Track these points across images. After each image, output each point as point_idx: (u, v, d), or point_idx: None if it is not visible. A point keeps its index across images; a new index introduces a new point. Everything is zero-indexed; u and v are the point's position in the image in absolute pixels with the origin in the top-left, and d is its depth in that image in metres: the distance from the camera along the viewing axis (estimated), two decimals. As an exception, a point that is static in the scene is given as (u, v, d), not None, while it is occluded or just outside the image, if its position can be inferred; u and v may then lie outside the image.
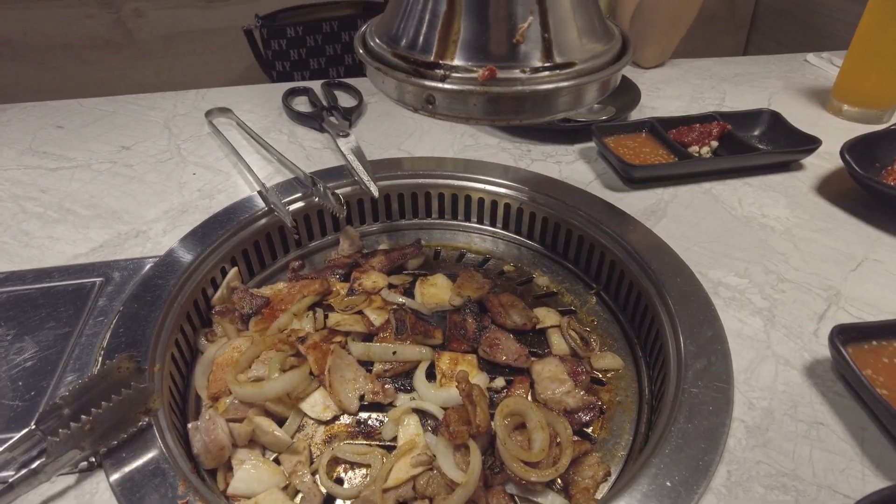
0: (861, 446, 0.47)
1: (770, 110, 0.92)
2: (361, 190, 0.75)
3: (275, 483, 0.50)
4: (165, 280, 0.61)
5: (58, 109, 0.95)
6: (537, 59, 0.43)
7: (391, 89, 0.46)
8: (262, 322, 0.63)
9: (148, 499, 0.43)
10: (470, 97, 0.43)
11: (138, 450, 0.46)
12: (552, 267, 0.76)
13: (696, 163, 0.81)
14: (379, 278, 0.69)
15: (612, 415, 0.58)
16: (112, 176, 0.79)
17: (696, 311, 0.59)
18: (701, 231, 0.71)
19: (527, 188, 0.77)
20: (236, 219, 0.70)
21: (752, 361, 0.55)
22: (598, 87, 0.45)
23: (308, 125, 0.91)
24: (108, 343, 0.55)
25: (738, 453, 0.47)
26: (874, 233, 0.72)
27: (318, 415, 0.55)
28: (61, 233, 0.69)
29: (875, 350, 0.51)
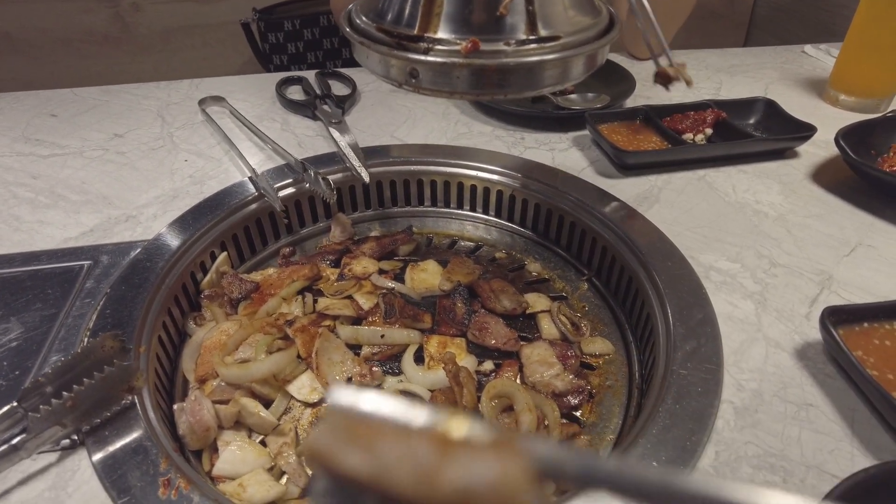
0: (851, 427, 0.46)
1: (766, 98, 0.92)
2: (353, 176, 0.75)
3: (260, 464, 0.49)
4: (154, 263, 0.61)
5: (51, 98, 0.95)
6: (522, 32, 0.42)
7: (375, 64, 0.46)
8: (251, 306, 0.63)
9: (129, 476, 0.43)
10: (453, 70, 0.42)
11: (121, 428, 0.46)
12: (544, 253, 0.76)
13: (689, 149, 0.81)
14: (369, 264, 0.68)
15: (602, 399, 0.58)
16: (104, 163, 0.79)
17: (686, 295, 0.59)
18: (694, 217, 0.71)
19: (519, 175, 0.77)
20: (227, 204, 0.69)
21: (743, 344, 0.54)
22: (584, 61, 0.45)
23: (301, 113, 0.91)
24: (94, 324, 0.55)
25: (726, 434, 0.46)
26: (868, 218, 0.71)
27: (305, 397, 0.55)
28: (52, 217, 0.69)
29: (866, 332, 0.51)
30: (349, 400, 0.18)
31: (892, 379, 0.46)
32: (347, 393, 0.18)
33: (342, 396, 0.18)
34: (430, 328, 0.62)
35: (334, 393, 0.18)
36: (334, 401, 0.18)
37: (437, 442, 0.17)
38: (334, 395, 0.18)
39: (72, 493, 0.42)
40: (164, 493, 0.41)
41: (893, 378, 0.46)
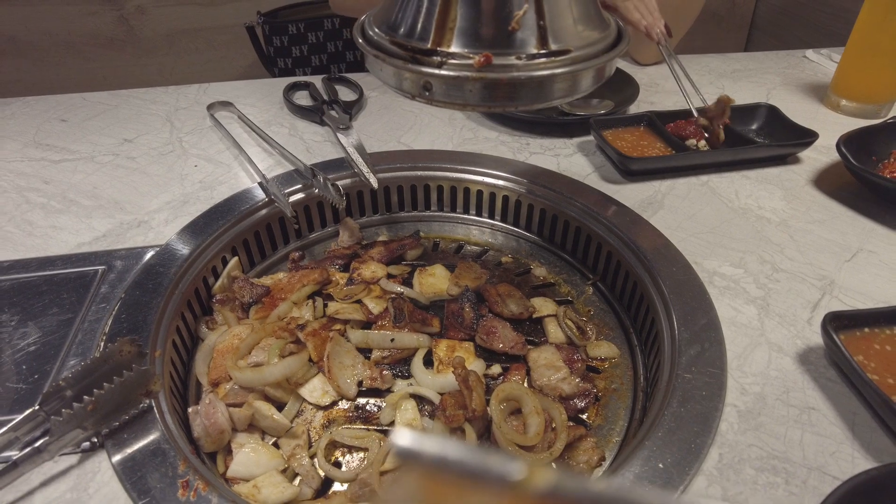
0: (852, 430, 0.47)
1: (768, 104, 0.93)
2: (361, 182, 0.76)
3: (274, 466, 0.50)
4: (167, 268, 0.62)
5: (61, 103, 0.96)
6: (533, 46, 0.43)
7: (389, 76, 0.47)
8: (262, 310, 0.64)
9: (149, 477, 0.44)
10: (466, 83, 0.43)
11: (139, 431, 0.47)
12: (550, 258, 0.77)
13: (693, 155, 0.82)
14: (378, 268, 0.69)
15: (608, 402, 0.59)
16: (115, 168, 0.80)
17: (690, 300, 0.60)
18: (697, 222, 0.72)
19: (525, 181, 0.78)
20: (237, 209, 0.70)
21: (746, 348, 0.55)
22: (594, 74, 0.46)
23: (309, 119, 0.92)
24: (110, 329, 0.56)
25: (730, 437, 0.47)
26: (869, 224, 0.72)
27: (317, 400, 0.56)
28: (64, 222, 0.70)
29: (867, 337, 0.52)
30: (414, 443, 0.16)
31: (892, 383, 0.47)
32: (412, 436, 0.16)
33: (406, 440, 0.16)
34: (438, 332, 0.63)
35: (398, 438, 0.16)
36: (399, 447, 0.16)
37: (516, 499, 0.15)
38: (398, 440, 0.16)
39: (93, 494, 0.43)
40: (184, 494, 0.42)
41: (894, 382, 0.47)
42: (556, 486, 0.16)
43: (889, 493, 0.37)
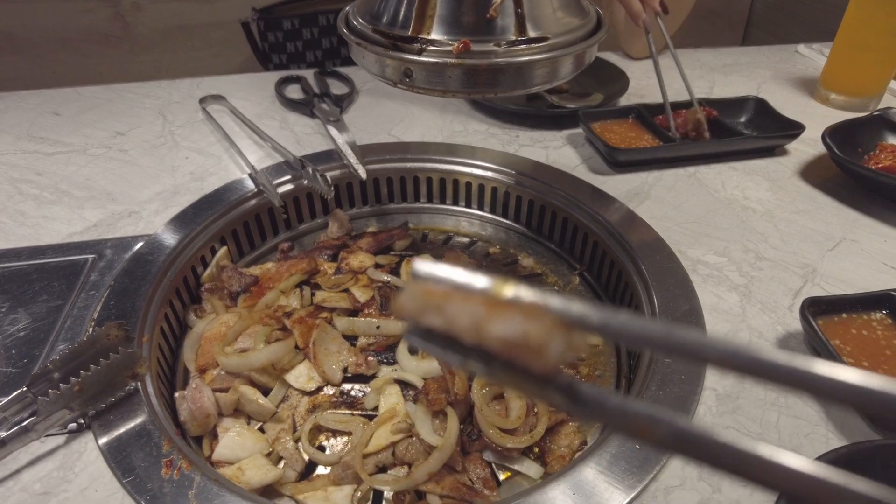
0: (826, 412, 0.48)
1: (756, 97, 0.94)
2: (351, 173, 0.77)
3: (259, 449, 0.51)
4: (156, 257, 0.63)
5: (55, 97, 0.97)
6: (511, 33, 0.44)
7: (372, 64, 0.48)
8: (250, 299, 0.65)
9: (133, 457, 0.45)
10: (446, 70, 0.44)
11: (126, 413, 0.48)
12: (537, 249, 0.78)
13: (680, 147, 0.82)
14: (366, 258, 0.70)
15: (591, 388, 0.60)
16: (107, 160, 0.81)
17: (673, 287, 0.60)
18: (683, 212, 0.73)
19: (514, 172, 0.79)
20: (226, 200, 0.71)
21: (727, 334, 0.56)
22: (573, 60, 0.47)
23: (300, 112, 0.93)
24: (98, 315, 0.57)
25: (707, 419, 0.48)
26: (852, 214, 0.73)
27: (303, 385, 0.56)
28: (56, 213, 0.71)
29: (844, 322, 0.52)
30: (428, 268, 0.24)
31: (866, 366, 0.48)
32: (426, 264, 0.24)
33: (422, 266, 0.25)
34: (424, 320, 0.64)
35: (416, 264, 0.25)
36: (416, 269, 0.25)
37: (487, 303, 0.22)
38: (416, 265, 0.25)
39: (79, 472, 0.44)
40: (167, 472, 0.43)
41: (868, 365, 0.48)
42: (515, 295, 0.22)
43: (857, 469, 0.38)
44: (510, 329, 0.21)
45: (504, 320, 0.21)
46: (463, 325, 0.22)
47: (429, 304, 0.23)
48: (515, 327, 0.21)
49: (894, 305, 0.53)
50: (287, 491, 0.50)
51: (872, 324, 0.52)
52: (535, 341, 0.21)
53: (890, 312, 0.53)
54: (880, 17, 0.93)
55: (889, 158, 0.77)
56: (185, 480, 0.43)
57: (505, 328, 0.21)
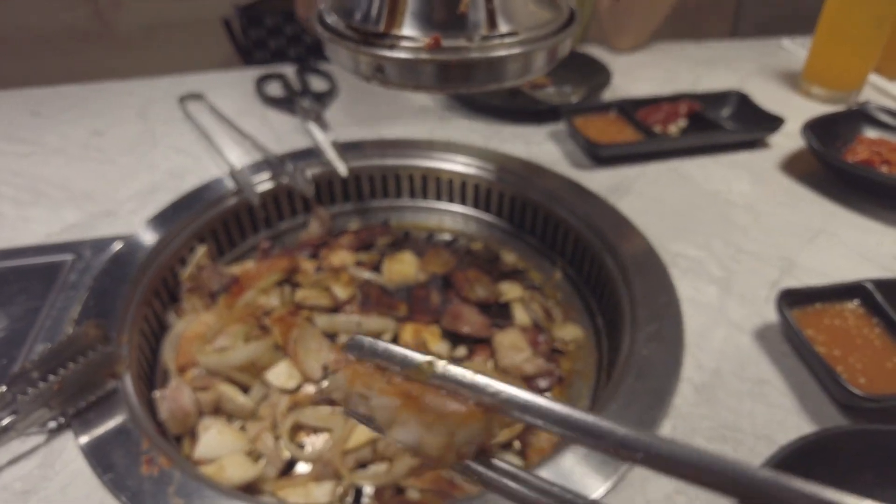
0: (800, 401, 0.48)
1: (738, 91, 0.94)
2: (331, 171, 0.76)
3: (239, 447, 0.51)
4: (135, 257, 0.63)
5: (33, 96, 0.96)
6: (483, 28, 0.44)
7: (345, 60, 0.48)
8: (230, 298, 0.64)
9: (113, 455, 0.45)
10: (417, 65, 0.44)
11: (105, 411, 0.48)
12: (519, 244, 0.78)
13: (660, 141, 0.83)
14: (347, 256, 0.70)
15: (571, 382, 0.60)
16: (85, 160, 0.80)
17: (651, 281, 0.61)
18: (664, 206, 0.73)
19: (496, 168, 0.79)
20: (206, 199, 0.71)
21: (705, 326, 0.56)
22: (546, 55, 0.47)
23: (280, 109, 0.92)
24: (78, 315, 0.56)
25: (683, 409, 0.48)
26: (831, 207, 0.74)
27: (283, 384, 0.56)
28: (34, 214, 0.70)
29: (818, 312, 0.53)
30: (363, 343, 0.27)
31: (837, 355, 0.49)
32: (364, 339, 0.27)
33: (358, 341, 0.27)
34: (405, 316, 0.64)
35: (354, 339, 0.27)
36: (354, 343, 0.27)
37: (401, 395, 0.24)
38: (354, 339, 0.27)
39: (59, 470, 0.44)
40: (147, 470, 0.43)
41: (839, 354, 0.49)
42: (443, 373, 0.24)
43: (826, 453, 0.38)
44: (408, 438, 0.23)
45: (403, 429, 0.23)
46: (382, 417, 0.24)
47: (353, 393, 0.25)
48: (413, 436, 0.23)
49: (866, 295, 0.53)
50: (268, 488, 0.50)
51: (845, 314, 0.53)
52: (428, 451, 0.23)
53: (862, 302, 0.53)
54: (858, 8, 0.94)
55: (866, 152, 0.78)
56: (164, 477, 0.43)
57: (404, 437, 0.23)
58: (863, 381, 0.47)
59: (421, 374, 0.24)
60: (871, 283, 0.54)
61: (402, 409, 0.24)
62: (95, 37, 1.55)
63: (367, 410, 0.25)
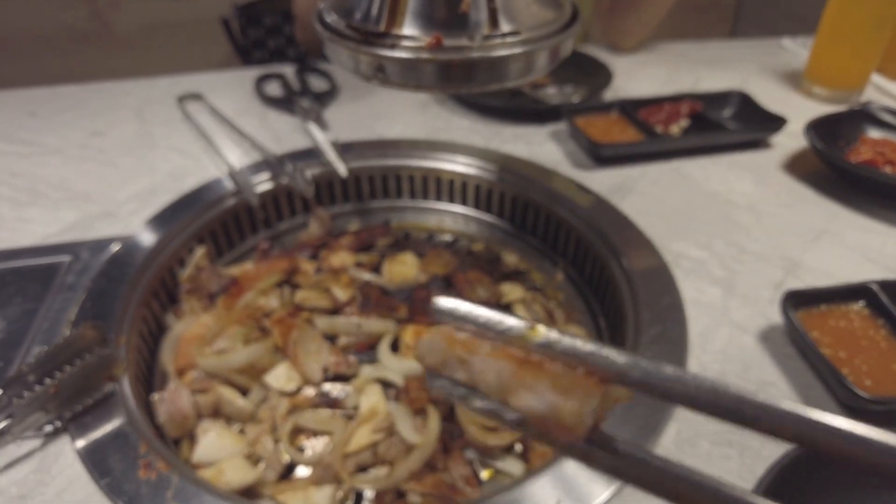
0: (805, 403, 0.48)
1: (740, 91, 0.94)
2: (331, 171, 0.76)
3: (238, 451, 0.51)
4: (133, 258, 0.62)
5: (31, 97, 0.96)
6: (484, 28, 0.44)
7: (345, 60, 0.47)
8: (229, 300, 0.64)
9: (110, 459, 0.44)
10: (418, 65, 0.43)
11: (103, 415, 0.47)
12: (521, 245, 0.78)
13: (662, 141, 0.82)
14: (347, 257, 0.70)
15: (574, 383, 0.59)
16: (84, 160, 0.80)
17: (654, 282, 0.60)
18: (666, 206, 0.73)
19: (497, 169, 0.78)
20: (205, 199, 0.70)
21: (708, 328, 0.56)
22: (548, 54, 0.46)
23: (280, 109, 0.92)
24: (75, 317, 0.56)
25: (688, 413, 0.48)
26: (834, 207, 0.73)
27: (282, 386, 0.56)
28: (32, 215, 0.70)
29: (823, 314, 0.53)
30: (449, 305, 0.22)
31: (843, 357, 0.48)
32: (448, 300, 0.22)
33: (444, 302, 0.22)
34: (405, 318, 0.63)
35: (438, 300, 0.23)
36: (437, 305, 0.22)
37: (515, 359, 0.21)
38: (438, 301, 0.23)
39: (55, 475, 0.44)
40: (145, 474, 0.43)
41: (845, 356, 0.48)
42: (547, 340, 0.21)
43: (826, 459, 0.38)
44: (538, 405, 0.20)
45: (531, 393, 0.20)
46: (489, 383, 0.21)
47: (451, 357, 0.22)
48: (544, 403, 0.20)
49: (872, 297, 0.53)
50: (267, 492, 0.49)
51: (850, 315, 0.52)
52: (565, 419, 0.20)
53: (867, 304, 0.53)
54: (860, 9, 0.93)
55: (870, 152, 0.78)
56: (162, 481, 0.43)
57: (532, 403, 0.20)
58: (869, 383, 0.47)
59: (523, 341, 0.21)
60: (876, 284, 0.53)
61: (522, 374, 0.21)
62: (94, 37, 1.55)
63: (468, 377, 0.21)
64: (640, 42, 1.19)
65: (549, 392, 0.20)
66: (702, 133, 0.85)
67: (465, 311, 0.22)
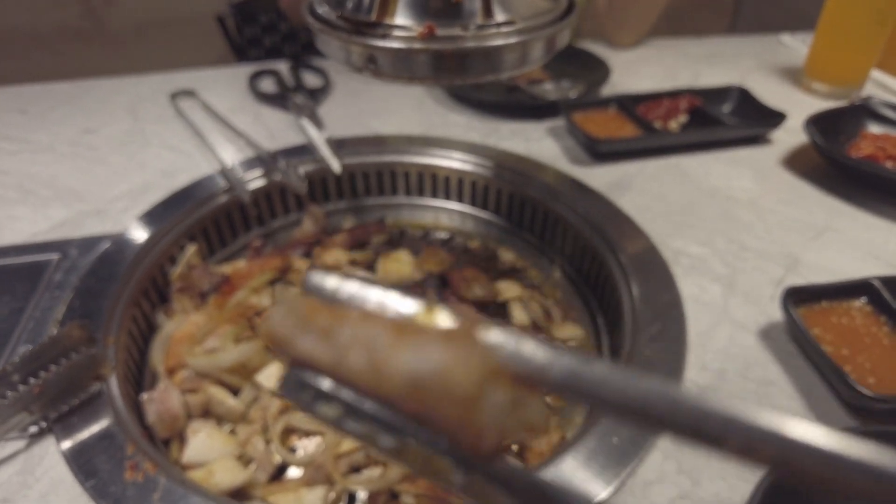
0: (807, 402, 0.47)
1: (739, 87, 0.93)
2: (325, 168, 0.75)
3: (229, 451, 0.50)
4: (123, 256, 0.61)
5: (21, 94, 0.95)
6: (478, 17, 0.42)
7: (336, 51, 0.46)
8: (220, 298, 0.63)
9: (96, 460, 0.43)
10: (410, 55, 0.42)
11: (89, 415, 0.46)
12: (518, 242, 0.76)
13: (660, 136, 0.81)
14: (341, 254, 0.69)
15: (572, 382, 0.58)
16: (74, 158, 0.79)
17: (653, 279, 0.59)
18: (666, 203, 0.72)
19: (493, 165, 0.77)
20: (197, 196, 0.69)
21: (709, 325, 0.55)
22: (543, 45, 0.45)
23: (274, 106, 0.91)
24: (63, 316, 0.55)
25: (687, 412, 0.47)
26: (836, 203, 0.72)
27: (274, 385, 0.55)
28: (20, 212, 0.69)
29: (825, 310, 0.52)
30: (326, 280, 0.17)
31: (845, 354, 0.47)
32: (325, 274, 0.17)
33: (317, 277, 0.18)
34: (401, 316, 0.62)
35: (311, 273, 0.18)
36: (310, 279, 0.18)
37: (394, 327, 0.15)
38: (311, 274, 0.18)
39: (39, 476, 0.43)
40: (131, 475, 0.42)
41: (847, 353, 0.47)
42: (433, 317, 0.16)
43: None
44: (421, 366, 0.13)
45: (411, 352, 0.14)
46: (355, 357, 0.15)
47: (311, 323, 0.16)
48: (429, 362, 0.13)
49: (873, 293, 0.52)
50: (258, 493, 0.48)
51: (852, 312, 0.51)
52: (459, 387, 0.13)
53: (869, 300, 0.52)
54: (860, 4, 0.93)
55: (871, 147, 0.77)
56: (149, 483, 0.42)
57: (414, 360, 0.14)
58: (872, 380, 0.46)
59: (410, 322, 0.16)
60: (878, 280, 0.52)
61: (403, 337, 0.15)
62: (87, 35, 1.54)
63: (332, 356, 0.15)
64: (638, 38, 1.18)
65: (439, 347, 0.14)
66: (701, 129, 0.84)
67: (344, 289, 0.17)
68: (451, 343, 0.14)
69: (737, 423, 0.13)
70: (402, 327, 0.15)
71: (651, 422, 0.14)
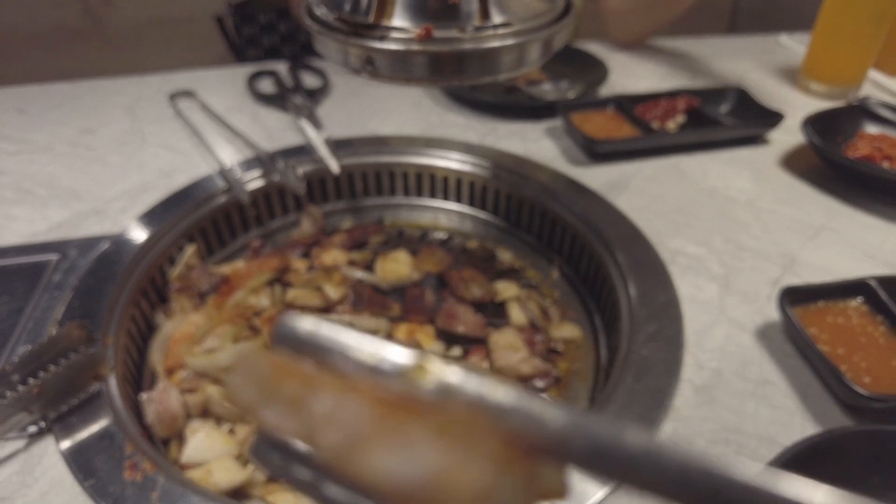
0: (804, 402, 0.47)
1: (736, 87, 0.93)
2: (324, 168, 0.75)
3: (227, 451, 0.50)
4: (122, 256, 0.61)
5: (19, 94, 0.95)
6: (475, 19, 0.43)
7: (334, 53, 0.46)
8: (219, 298, 0.63)
9: (95, 460, 0.43)
10: (408, 57, 0.43)
11: (88, 415, 0.46)
12: (516, 242, 0.77)
13: (658, 137, 0.82)
14: (339, 255, 0.69)
15: (569, 383, 0.59)
16: (73, 158, 0.79)
17: (650, 279, 0.59)
18: (664, 203, 0.72)
19: (491, 165, 0.78)
20: (195, 197, 0.69)
21: (705, 325, 0.55)
22: (541, 46, 0.46)
23: (272, 106, 0.91)
24: (62, 316, 0.55)
25: (684, 411, 0.47)
26: (833, 203, 0.73)
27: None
28: (19, 213, 0.69)
29: (821, 310, 0.52)
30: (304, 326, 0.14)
31: (841, 354, 0.48)
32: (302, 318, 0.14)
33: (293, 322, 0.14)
34: (399, 316, 0.62)
35: (284, 318, 0.14)
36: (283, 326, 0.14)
37: (377, 405, 0.13)
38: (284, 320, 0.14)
39: (39, 476, 0.43)
40: (130, 475, 0.42)
41: (843, 353, 0.48)
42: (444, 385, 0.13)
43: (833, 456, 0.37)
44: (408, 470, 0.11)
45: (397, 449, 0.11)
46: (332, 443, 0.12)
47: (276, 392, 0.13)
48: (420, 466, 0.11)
49: (870, 293, 0.52)
50: (256, 493, 0.48)
51: (848, 312, 0.51)
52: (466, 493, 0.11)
53: (865, 300, 0.52)
54: (857, 4, 0.93)
55: (867, 147, 0.77)
56: (148, 482, 0.42)
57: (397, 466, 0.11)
58: (867, 380, 0.46)
59: (405, 386, 0.14)
60: (874, 280, 0.53)
61: (390, 421, 0.13)
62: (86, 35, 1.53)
63: (302, 427, 0.13)
64: (635, 42, 1.18)
65: (432, 446, 0.11)
66: (698, 129, 0.84)
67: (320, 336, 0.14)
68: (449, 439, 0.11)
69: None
70: (385, 407, 0.13)
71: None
